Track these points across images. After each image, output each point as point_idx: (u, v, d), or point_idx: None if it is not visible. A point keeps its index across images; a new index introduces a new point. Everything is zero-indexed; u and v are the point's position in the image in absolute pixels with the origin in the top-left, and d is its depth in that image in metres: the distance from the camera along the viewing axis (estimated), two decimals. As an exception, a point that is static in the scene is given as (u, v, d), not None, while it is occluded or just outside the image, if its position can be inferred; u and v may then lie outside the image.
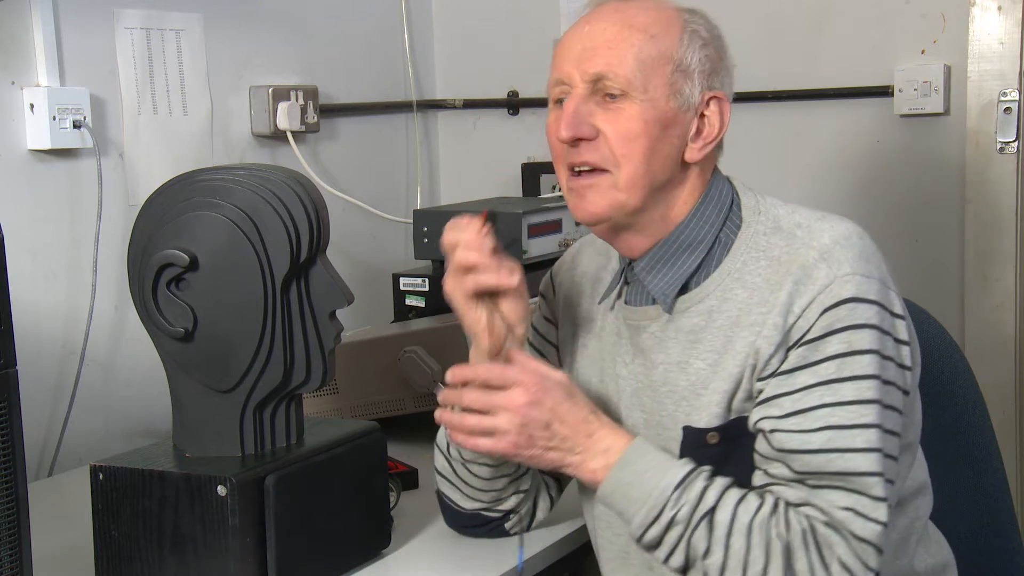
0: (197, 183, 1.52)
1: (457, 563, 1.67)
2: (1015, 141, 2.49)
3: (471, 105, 3.11)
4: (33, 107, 2.11)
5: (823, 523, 1.40)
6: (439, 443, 1.69)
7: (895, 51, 2.60)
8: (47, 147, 2.12)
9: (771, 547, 1.39)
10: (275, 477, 1.48)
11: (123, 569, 1.51)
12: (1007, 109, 2.49)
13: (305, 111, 2.65)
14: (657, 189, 1.50)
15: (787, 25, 2.71)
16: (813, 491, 1.41)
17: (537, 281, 1.74)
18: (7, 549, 1.29)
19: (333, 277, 1.56)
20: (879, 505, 1.39)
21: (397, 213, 2.95)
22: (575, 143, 1.49)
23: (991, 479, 1.84)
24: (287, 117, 2.58)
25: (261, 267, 1.50)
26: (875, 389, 1.41)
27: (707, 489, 1.42)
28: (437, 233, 1.58)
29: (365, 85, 2.92)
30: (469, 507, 1.69)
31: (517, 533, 1.70)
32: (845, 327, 1.41)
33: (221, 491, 1.45)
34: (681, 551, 1.42)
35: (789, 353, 1.43)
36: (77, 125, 2.15)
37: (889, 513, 1.41)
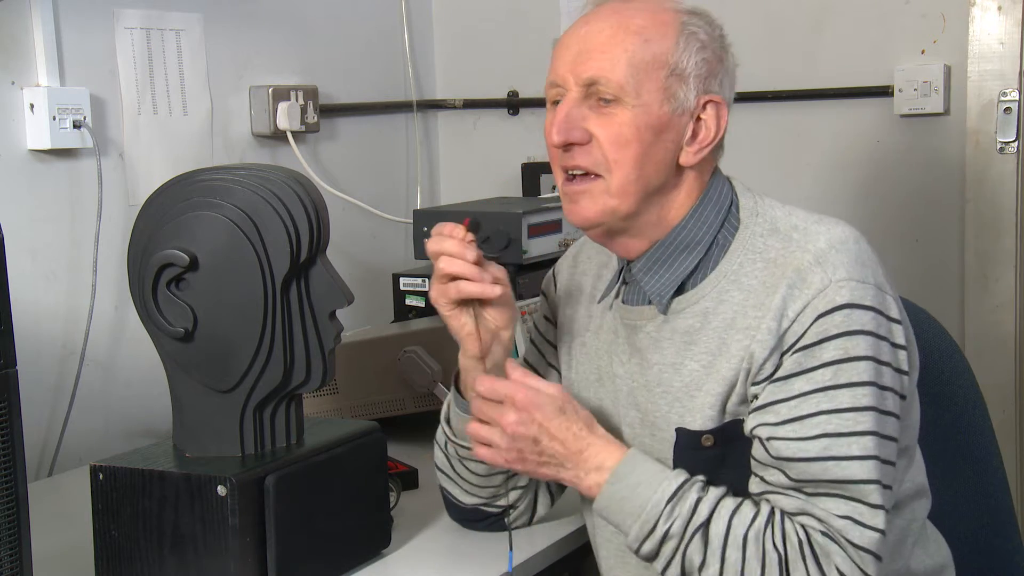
0: (197, 183, 1.52)
1: (457, 563, 1.67)
2: (1015, 141, 2.49)
3: (471, 105, 3.11)
4: (33, 107, 2.11)
5: (820, 532, 1.39)
6: (438, 439, 1.70)
7: (895, 51, 2.60)
8: (47, 147, 2.12)
9: (767, 559, 1.39)
10: (275, 477, 1.48)
11: (123, 569, 1.51)
12: (1007, 109, 2.49)
13: (305, 111, 2.65)
14: (651, 194, 1.50)
15: (787, 25, 2.71)
16: (810, 499, 1.41)
17: (537, 281, 1.75)
18: (7, 549, 1.29)
19: (333, 277, 1.56)
20: (877, 513, 1.39)
21: (397, 213, 2.95)
22: (568, 147, 1.49)
23: (991, 479, 1.84)
24: (287, 117, 2.58)
25: (261, 267, 1.50)
26: (871, 396, 1.41)
27: (700, 502, 1.42)
28: (437, 233, 1.58)
29: (365, 85, 2.92)
30: (468, 502, 1.70)
31: (517, 528, 1.72)
32: (841, 333, 1.40)
33: (221, 491, 1.45)
34: (677, 564, 1.43)
35: (783, 358, 1.42)
36: (77, 125, 2.15)
37: (887, 520, 1.40)
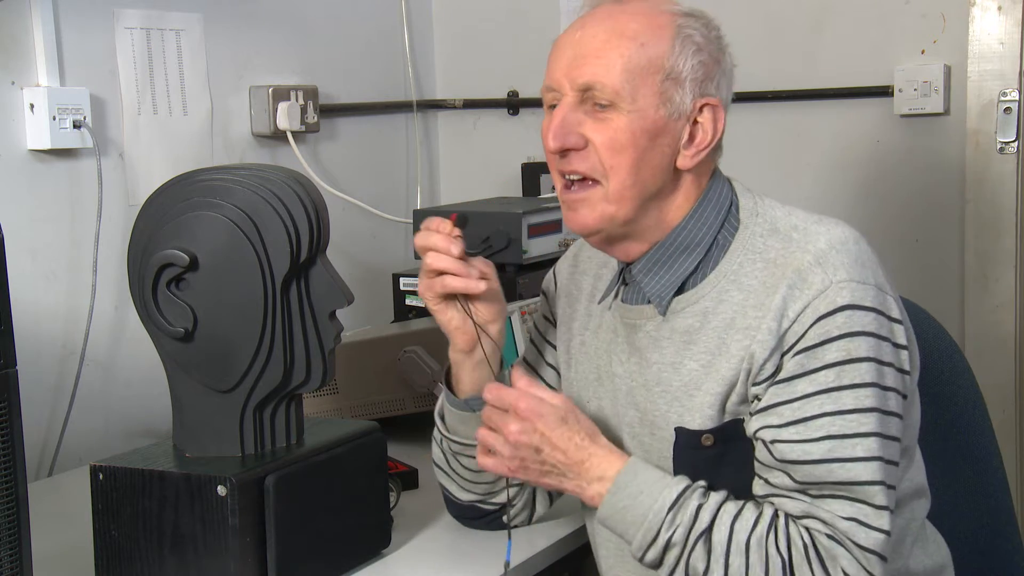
0: (197, 183, 1.52)
1: (457, 563, 1.67)
2: (1015, 141, 2.49)
3: (471, 105, 3.11)
4: (33, 107, 2.11)
5: (826, 535, 1.39)
6: (435, 435, 1.70)
7: (895, 51, 2.60)
8: (47, 147, 2.12)
9: (770, 563, 1.39)
10: (275, 477, 1.48)
11: (123, 569, 1.51)
12: (1007, 109, 2.49)
13: (305, 111, 2.65)
14: (648, 198, 1.50)
15: (787, 25, 2.71)
16: (815, 501, 1.41)
17: (537, 281, 1.75)
18: (7, 549, 1.29)
19: (333, 277, 1.56)
20: (882, 514, 1.39)
21: (397, 213, 2.95)
22: (564, 153, 1.49)
23: (991, 479, 1.84)
24: (287, 117, 2.58)
25: (261, 267, 1.50)
26: (874, 396, 1.41)
27: (701, 508, 1.42)
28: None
29: (365, 85, 2.92)
30: (465, 498, 1.70)
31: (516, 527, 1.72)
32: (842, 335, 1.40)
33: (221, 491, 1.45)
34: (681, 571, 1.43)
35: (784, 359, 1.42)
36: (77, 125, 2.15)
37: (892, 521, 1.40)
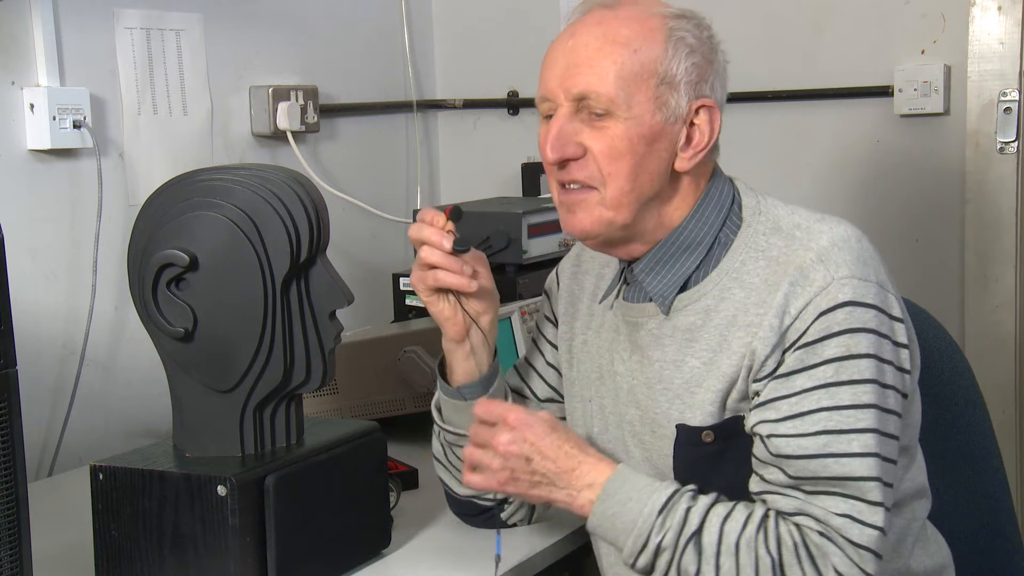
0: (197, 183, 1.52)
1: (457, 563, 1.67)
2: (1015, 141, 2.49)
3: (471, 105, 3.11)
4: (33, 107, 2.11)
5: (817, 533, 1.39)
6: (434, 428, 1.70)
7: (895, 51, 2.60)
8: (47, 147, 2.12)
9: (760, 564, 1.39)
10: (275, 477, 1.48)
11: (123, 569, 1.51)
12: (1007, 109, 2.49)
13: (305, 111, 2.65)
14: (646, 202, 1.50)
15: (787, 25, 2.71)
16: (809, 498, 1.41)
17: (537, 281, 1.75)
18: (7, 549, 1.29)
19: (333, 277, 1.56)
20: (876, 510, 1.39)
21: (397, 213, 2.95)
22: (563, 163, 1.49)
23: (991, 479, 1.84)
24: (287, 117, 2.58)
25: (261, 267, 1.50)
26: (872, 393, 1.41)
27: (690, 511, 1.42)
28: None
29: (365, 85, 2.92)
30: (462, 492, 1.70)
31: (516, 525, 1.72)
32: (843, 331, 1.40)
33: (221, 491, 1.45)
34: (673, 574, 1.43)
35: (785, 355, 1.43)
36: (77, 125, 2.15)
37: (887, 518, 1.40)
